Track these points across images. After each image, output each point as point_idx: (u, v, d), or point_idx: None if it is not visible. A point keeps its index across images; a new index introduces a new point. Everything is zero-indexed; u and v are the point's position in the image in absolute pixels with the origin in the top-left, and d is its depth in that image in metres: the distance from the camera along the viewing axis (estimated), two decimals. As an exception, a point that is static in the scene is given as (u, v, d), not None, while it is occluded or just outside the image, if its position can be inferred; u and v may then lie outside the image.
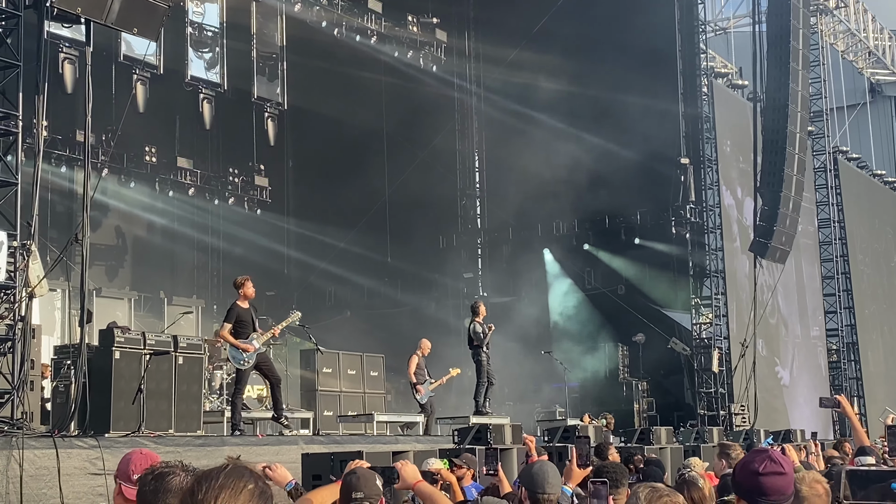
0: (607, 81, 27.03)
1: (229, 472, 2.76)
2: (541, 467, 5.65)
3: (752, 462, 3.89)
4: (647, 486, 4.06)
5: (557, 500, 5.76)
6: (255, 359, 14.83)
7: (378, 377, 20.26)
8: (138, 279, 27.79)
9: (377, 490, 5.20)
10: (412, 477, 5.62)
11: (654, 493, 3.93)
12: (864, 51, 37.92)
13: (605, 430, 18.48)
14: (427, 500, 5.68)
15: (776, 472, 3.83)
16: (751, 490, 3.86)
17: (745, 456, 4.04)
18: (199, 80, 25.91)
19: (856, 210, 34.49)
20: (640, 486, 4.04)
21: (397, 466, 5.61)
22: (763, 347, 27.47)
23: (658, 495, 3.93)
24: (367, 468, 5.49)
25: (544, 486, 5.52)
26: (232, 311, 14.87)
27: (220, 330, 15.05)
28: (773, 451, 3.93)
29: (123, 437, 12.40)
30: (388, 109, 30.71)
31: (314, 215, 31.26)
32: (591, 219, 29.26)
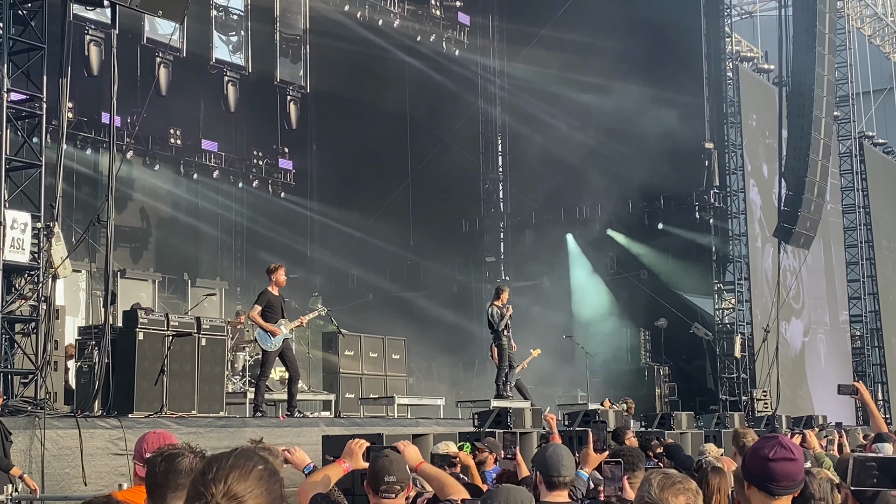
0: (632, 65, 26.89)
1: (239, 454, 2.82)
2: (555, 451, 5.66)
3: (762, 448, 3.90)
4: (660, 472, 4.07)
5: (572, 483, 5.79)
6: (281, 343, 14.95)
7: (400, 360, 20.33)
8: (162, 261, 27.93)
9: (407, 475, 5.19)
10: (414, 459, 5.59)
11: (667, 480, 3.94)
12: (892, 35, 37.59)
13: (626, 415, 18.49)
14: (432, 481, 5.67)
15: (786, 458, 3.84)
16: (761, 476, 3.87)
17: (756, 442, 4.05)
18: (223, 63, 25.95)
19: (881, 195, 34.27)
20: (652, 473, 4.05)
21: (399, 447, 5.55)
22: (786, 330, 27.42)
23: (671, 482, 3.93)
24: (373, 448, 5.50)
25: (559, 468, 5.54)
26: (263, 296, 15.02)
27: (249, 312, 15.18)
28: (783, 437, 3.94)
29: (146, 418, 12.51)
30: (410, 93, 30.68)
31: (337, 198, 31.32)
32: (614, 203, 29.16)
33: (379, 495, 5.07)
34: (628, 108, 26.70)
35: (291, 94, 27.42)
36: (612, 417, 16.26)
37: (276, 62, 27.05)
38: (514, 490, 4.78)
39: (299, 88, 27.68)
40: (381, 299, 31.00)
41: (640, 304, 27.82)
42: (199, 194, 29.53)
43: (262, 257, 29.67)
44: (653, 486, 3.87)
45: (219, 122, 28.78)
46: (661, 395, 26.43)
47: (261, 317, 14.81)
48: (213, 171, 28.92)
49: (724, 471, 6.51)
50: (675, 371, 27.12)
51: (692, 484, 3.97)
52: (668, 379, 26.95)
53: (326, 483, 5.45)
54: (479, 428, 13.81)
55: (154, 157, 27.41)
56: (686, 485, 3.92)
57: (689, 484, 3.95)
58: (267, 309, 14.88)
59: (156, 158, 27.46)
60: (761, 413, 23.46)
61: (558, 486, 5.52)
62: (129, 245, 27.50)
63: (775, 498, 3.85)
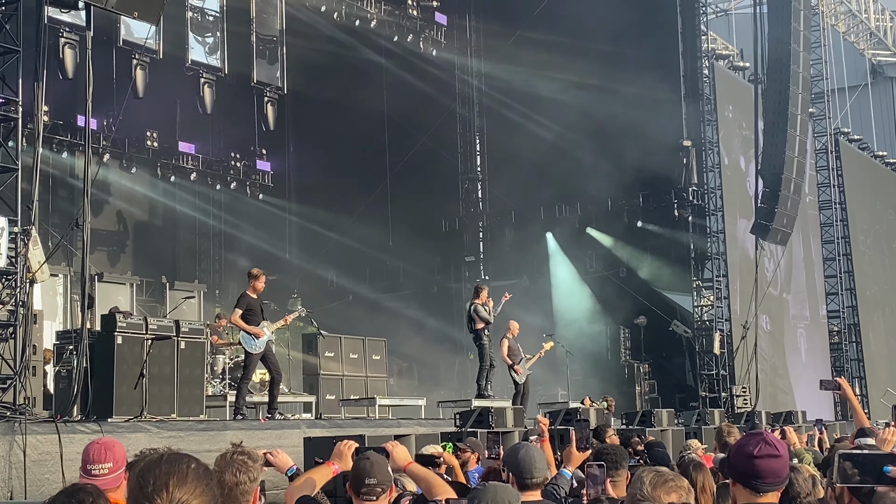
0: (608, 64, 26.98)
1: (168, 459, 2.79)
2: (527, 452, 5.66)
3: (746, 445, 3.89)
4: (652, 470, 4.06)
5: (545, 483, 5.79)
6: (265, 345, 14.89)
7: (380, 361, 20.31)
8: (140, 264, 27.81)
9: (389, 476, 5.18)
10: (403, 459, 5.60)
11: (659, 478, 3.93)
12: (866, 32, 37.83)
13: (607, 413, 18.53)
14: (420, 481, 5.66)
15: (771, 455, 3.83)
16: (745, 473, 3.86)
17: (740, 439, 4.04)
18: (199, 65, 25.85)
19: (857, 191, 34.46)
20: (644, 471, 4.04)
21: (388, 448, 5.56)
22: (767, 323, 27.52)
23: (663, 480, 3.93)
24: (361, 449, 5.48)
25: (532, 470, 5.54)
26: (243, 299, 14.91)
27: (231, 316, 15.06)
28: (767, 433, 3.93)
29: (126, 422, 12.44)
30: (388, 93, 30.64)
31: (315, 200, 31.25)
32: (593, 202, 29.22)
33: (360, 498, 5.06)
34: (606, 107, 26.74)
35: (269, 95, 27.34)
36: (594, 415, 16.28)
37: (252, 63, 26.96)
38: (501, 488, 4.77)
39: (276, 90, 27.60)
40: (360, 300, 30.95)
41: (620, 302, 27.89)
42: (176, 197, 29.41)
43: (241, 260, 29.62)
44: (645, 483, 3.86)
45: (196, 123, 28.66)
46: (641, 392, 26.52)
47: (242, 320, 14.74)
48: (190, 174, 28.81)
49: (705, 467, 6.52)
50: (655, 368, 27.22)
51: (684, 482, 3.97)
52: (648, 376, 27.05)
53: (313, 485, 5.43)
54: (460, 428, 13.81)
55: (131, 159, 27.28)
56: (678, 482, 3.92)
57: (681, 482, 3.95)
58: (248, 312, 14.79)
59: (132, 161, 27.32)
60: (741, 409, 23.54)
61: (531, 486, 5.52)
62: (106, 248, 27.38)
63: (760, 495, 3.85)
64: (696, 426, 18.36)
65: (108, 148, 24.68)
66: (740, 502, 3.91)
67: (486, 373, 18.58)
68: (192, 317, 21.96)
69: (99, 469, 5.09)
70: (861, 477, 2.99)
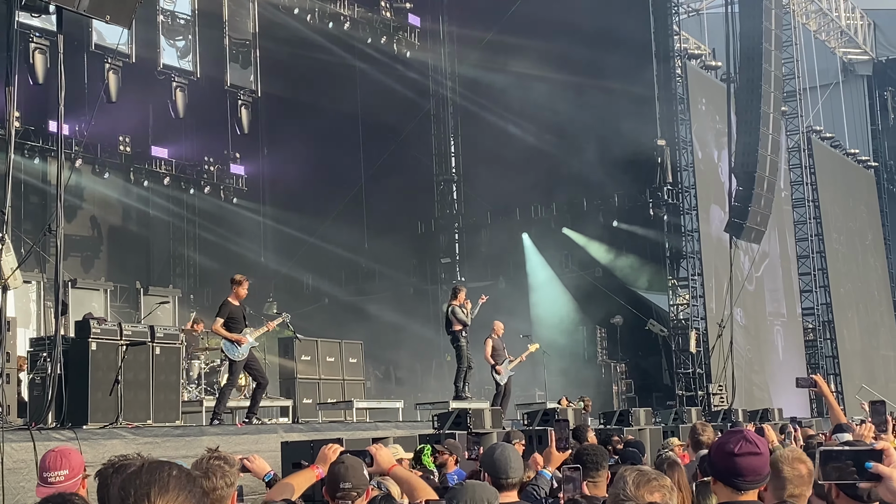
0: (582, 64, 27.02)
1: (149, 468, 2.74)
2: (503, 452, 5.65)
3: (727, 443, 3.88)
4: (635, 469, 4.04)
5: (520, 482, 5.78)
6: (248, 352, 14.83)
7: (357, 364, 20.23)
8: (114, 270, 27.66)
9: (365, 480, 5.16)
10: (387, 462, 5.59)
11: (642, 477, 3.91)
12: (836, 30, 38.06)
13: (584, 413, 18.54)
14: (403, 484, 5.64)
15: (751, 453, 3.83)
16: (726, 471, 3.85)
17: (721, 437, 4.04)
18: (171, 69, 25.76)
19: (830, 189, 34.66)
20: (626, 470, 4.01)
21: (371, 451, 5.57)
22: (742, 317, 27.61)
23: (646, 479, 3.91)
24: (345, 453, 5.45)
25: (507, 470, 5.53)
26: (225, 308, 14.84)
27: (213, 325, 14.99)
28: (748, 431, 3.93)
29: (101, 429, 12.34)
30: (362, 95, 30.58)
31: (290, 203, 31.17)
32: (568, 202, 29.26)
33: (336, 501, 5.04)
34: (580, 107, 26.79)
35: (242, 98, 27.27)
36: (571, 415, 16.29)
37: (225, 66, 26.88)
38: (479, 486, 4.75)
39: (250, 93, 27.54)
40: (336, 304, 30.89)
41: (596, 301, 27.93)
42: (149, 202, 29.26)
43: (215, 264, 29.49)
44: (628, 483, 3.84)
45: (168, 128, 28.53)
46: (618, 392, 26.56)
47: (224, 328, 14.66)
48: (163, 178, 28.67)
49: (680, 465, 6.52)
50: (631, 368, 27.27)
51: (667, 481, 3.95)
52: (624, 376, 27.10)
53: (292, 491, 5.40)
54: (438, 430, 13.77)
55: (103, 164, 27.13)
56: (661, 482, 3.91)
57: (664, 481, 3.94)
58: (230, 320, 14.73)
59: (105, 166, 27.18)
60: (718, 407, 23.60)
61: (507, 487, 5.51)
62: (79, 254, 27.20)
63: (741, 493, 3.84)
64: (674, 425, 18.39)
65: (81, 153, 24.55)
66: (721, 500, 3.91)
67: (463, 374, 18.56)
68: (167, 322, 21.85)
69: (55, 476, 5.08)
70: (842, 473, 2.97)
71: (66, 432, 11.51)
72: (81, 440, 11.19)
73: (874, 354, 36.16)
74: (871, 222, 38.58)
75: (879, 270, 38.50)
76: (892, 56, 41.35)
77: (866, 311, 36.41)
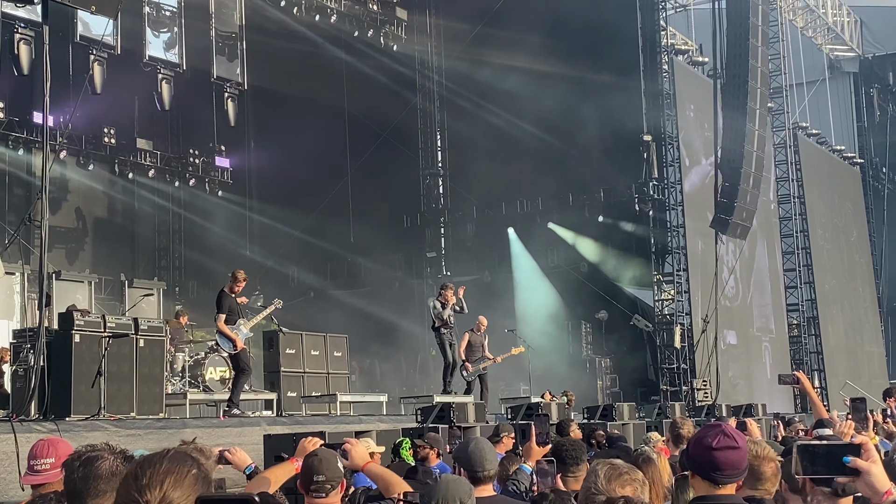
0: (569, 59, 26.99)
1: (172, 458, 2.73)
2: (477, 445, 5.65)
3: (705, 437, 3.88)
4: (606, 462, 4.06)
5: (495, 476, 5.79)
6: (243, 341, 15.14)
7: (342, 357, 20.18)
8: (98, 262, 27.57)
9: (339, 472, 5.15)
10: (361, 458, 5.59)
11: (613, 471, 3.93)
12: (823, 27, 38.13)
13: (567, 408, 18.57)
14: (378, 481, 5.64)
15: (729, 447, 3.83)
16: (704, 465, 3.86)
17: (699, 431, 4.03)
18: (157, 61, 25.64)
19: (816, 186, 34.73)
20: (598, 463, 4.03)
21: (346, 447, 5.56)
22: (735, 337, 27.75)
23: (618, 473, 3.92)
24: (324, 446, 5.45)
25: (483, 463, 5.54)
26: (224, 302, 15.11)
27: (217, 322, 15.17)
28: (726, 425, 3.93)
29: (84, 421, 12.31)
30: (349, 89, 30.52)
31: (276, 196, 31.11)
32: (554, 197, 29.27)
33: (310, 495, 5.05)
34: (566, 102, 26.78)
35: (228, 91, 27.17)
36: (555, 410, 16.31)
37: (211, 59, 26.77)
38: (454, 481, 4.75)
39: (236, 85, 27.44)
40: (321, 297, 30.85)
41: (581, 296, 27.97)
42: (134, 194, 29.18)
43: (200, 257, 29.43)
44: (599, 477, 3.85)
45: (154, 120, 28.46)
46: (602, 386, 26.60)
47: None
48: (148, 170, 28.59)
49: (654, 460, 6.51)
50: (616, 363, 27.30)
51: (639, 474, 3.97)
52: (609, 371, 27.14)
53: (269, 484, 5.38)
54: (422, 424, 13.77)
55: (88, 156, 27.03)
56: (633, 475, 3.92)
57: (636, 474, 3.95)
58: (228, 313, 14.98)
59: (90, 158, 27.09)
60: (702, 402, 23.66)
61: (482, 480, 5.51)
62: (64, 246, 27.11)
63: (719, 487, 3.84)
64: (658, 420, 18.42)
65: (65, 145, 24.44)
66: (699, 494, 3.91)
67: (448, 369, 18.63)
68: (152, 315, 21.79)
69: (41, 464, 5.08)
70: (820, 468, 2.98)
71: (49, 424, 11.48)
72: (63, 432, 11.15)
73: (858, 350, 36.29)
74: (857, 219, 38.70)
75: (864, 267, 38.62)
76: (878, 53, 41.47)
77: (851, 308, 36.52)
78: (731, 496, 3.86)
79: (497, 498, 5.65)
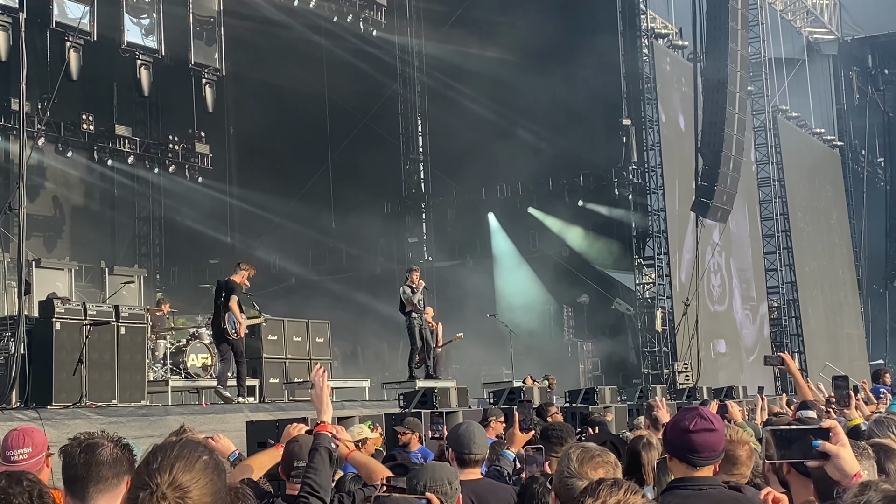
0: (549, 43, 26.99)
1: (184, 445, 2.83)
2: (467, 428, 5.68)
3: (682, 420, 3.92)
4: (579, 446, 4.09)
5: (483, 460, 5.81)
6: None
7: (324, 343, 20.18)
8: (78, 249, 27.46)
9: None
10: (344, 448, 5.61)
11: (585, 454, 3.96)
12: (802, 10, 38.22)
13: (549, 392, 18.63)
14: (362, 469, 5.66)
15: (706, 430, 3.86)
16: (682, 447, 3.89)
17: (676, 414, 4.07)
18: (135, 47, 25.41)
19: (795, 168, 34.85)
20: (571, 447, 4.07)
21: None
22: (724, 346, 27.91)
23: (590, 456, 3.95)
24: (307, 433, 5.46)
25: (471, 446, 5.56)
26: (238, 289, 15.34)
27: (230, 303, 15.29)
28: (703, 408, 3.96)
29: (65, 409, 12.28)
30: (328, 74, 30.41)
31: (257, 182, 30.99)
32: (534, 182, 29.29)
33: (291, 480, 5.07)
34: (546, 87, 26.79)
35: (207, 77, 26.97)
36: (537, 395, 16.36)
37: (189, 45, 26.59)
38: (439, 466, 4.77)
39: (215, 71, 27.25)
40: (303, 283, 30.81)
41: (563, 281, 28.03)
42: (114, 181, 29.06)
43: (181, 244, 29.33)
44: (572, 460, 3.88)
45: (133, 106, 28.31)
46: (584, 370, 26.70)
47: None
48: (127, 157, 28.42)
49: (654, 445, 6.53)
50: (597, 346, 27.39)
51: (611, 457, 4.01)
52: (591, 354, 27.24)
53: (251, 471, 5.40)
54: (404, 409, 13.79)
55: (66, 143, 26.86)
56: (605, 458, 3.96)
57: (608, 457, 3.99)
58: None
59: (68, 145, 26.92)
60: (683, 385, 23.77)
61: (470, 463, 5.53)
62: (42, 234, 26.99)
63: (697, 469, 3.88)
64: (639, 403, 18.49)
65: (43, 132, 24.29)
66: (677, 476, 3.94)
67: (416, 355, 18.77)
68: (133, 302, 21.71)
69: (18, 454, 5.06)
70: (791, 451, 3.01)
71: (30, 412, 11.45)
72: (45, 420, 11.14)
73: (838, 333, 36.49)
74: (837, 201, 38.87)
75: (844, 249, 38.81)
76: (857, 36, 41.60)
77: (831, 290, 36.71)
78: (708, 478, 3.90)
79: (483, 481, 5.68)
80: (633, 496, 2.67)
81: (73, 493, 3.73)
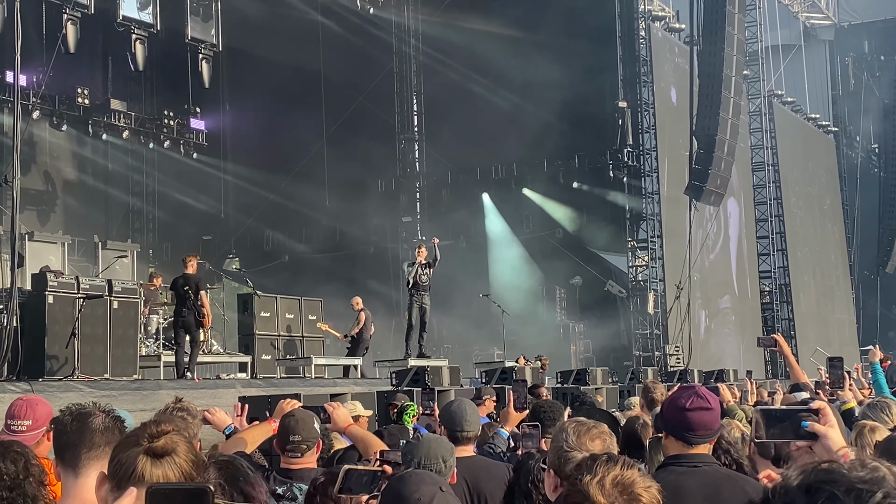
0: (545, 24, 26.93)
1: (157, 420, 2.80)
2: (459, 405, 5.69)
3: (679, 398, 3.95)
4: (573, 420, 4.12)
5: (476, 437, 5.83)
6: None
7: (316, 321, 20.23)
8: (72, 223, 27.41)
9: (315, 433, 5.19)
10: (343, 420, 5.65)
11: (581, 427, 3.99)
12: (800, -5, 38.17)
13: (541, 372, 18.69)
14: (359, 443, 5.68)
15: (703, 408, 3.89)
16: (678, 425, 3.92)
17: (673, 392, 4.10)
18: (131, 21, 25.27)
19: (790, 153, 34.86)
20: (566, 422, 4.09)
21: (328, 409, 5.62)
22: (697, 288, 27.84)
23: (586, 428, 3.98)
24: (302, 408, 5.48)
25: (463, 423, 5.58)
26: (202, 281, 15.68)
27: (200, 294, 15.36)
28: (699, 387, 3.99)
29: (57, 382, 12.30)
30: (325, 52, 30.32)
31: (251, 159, 30.95)
32: (529, 163, 29.27)
33: (286, 454, 5.09)
34: (542, 68, 26.72)
35: (203, 52, 26.87)
36: (530, 374, 16.41)
37: (186, 20, 26.47)
38: (435, 441, 4.79)
39: (211, 46, 27.15)
40: (296, 260, 30.80)
41: (556, 262, 28.05)
42: (108, 155, 28.98)
43: (175, 219, 29.28)
44: (569, 434, 3.90)
45: (128, 81, 28.20)
46: (576, 351, 26.76)
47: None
48: (122, 132, 28.35)
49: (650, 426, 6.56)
50: (589, 328, 27.44)
51: (605, 427, 4.04)
52: (583, 336, 27.30)
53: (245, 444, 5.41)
54: (396, 387, 13.83)
55: (61, 116, 26.76)
56: (600, 429, 3.99)
57: (603, 427, 4.02)
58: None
59: (63, 118, 26.82)
60: (674, 368, 23.83)
61: (462, 440, 5.55)
62: (36, 208, 26.94)
63: (692, 447, 3.90)
64: (630, 384, 18.56)
65: (38, 105, 24.20)
66: (672, 453, 3.97)
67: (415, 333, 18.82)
68: (126, 277, 21.71)
69: (18, 425, 5.05)
70: (779, 431, 3.02)
71: (22, 384, 11.47)
72: (37, 392, 11.13)
73: (829, 318, 36.60)
74: (830, 187, 38.92)
75: (836, 235, 38.88)
76: (854, 21, 41.56)
77: (823, 275, 36.79)
78: (703, 455, 3.93)
79: (476, 458, 5.70)
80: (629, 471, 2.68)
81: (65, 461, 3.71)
